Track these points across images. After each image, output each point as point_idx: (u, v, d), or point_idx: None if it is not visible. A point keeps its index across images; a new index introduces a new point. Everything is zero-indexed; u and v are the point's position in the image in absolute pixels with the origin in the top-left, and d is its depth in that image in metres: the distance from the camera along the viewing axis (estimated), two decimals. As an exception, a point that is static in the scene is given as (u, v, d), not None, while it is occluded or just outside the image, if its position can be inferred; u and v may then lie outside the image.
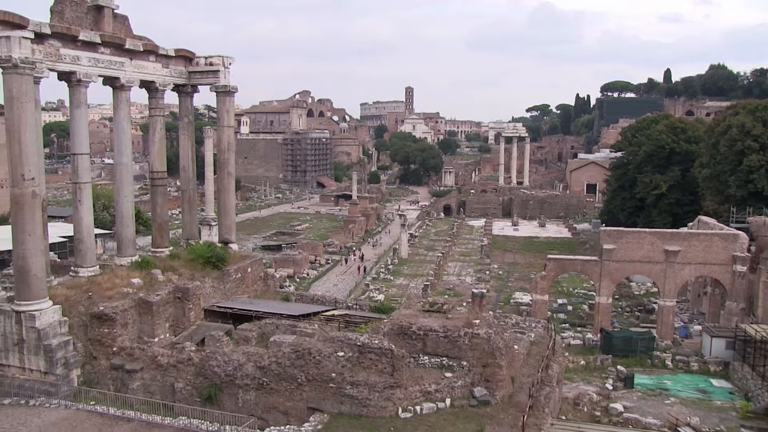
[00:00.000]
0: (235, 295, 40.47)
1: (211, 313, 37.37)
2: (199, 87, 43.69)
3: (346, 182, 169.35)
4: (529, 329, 38.03)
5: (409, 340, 30.06)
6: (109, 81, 37.29)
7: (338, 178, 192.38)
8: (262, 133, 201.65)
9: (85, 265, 36.30)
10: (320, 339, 29.74)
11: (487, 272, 78.93)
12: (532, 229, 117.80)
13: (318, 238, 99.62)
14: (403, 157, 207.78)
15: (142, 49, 37.82)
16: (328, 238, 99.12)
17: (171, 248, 42.80)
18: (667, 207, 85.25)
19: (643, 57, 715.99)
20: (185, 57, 41.83)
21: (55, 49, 32.54)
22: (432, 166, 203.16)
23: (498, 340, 28.88)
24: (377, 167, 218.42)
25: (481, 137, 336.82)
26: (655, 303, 59.13)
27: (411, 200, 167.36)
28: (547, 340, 36.52)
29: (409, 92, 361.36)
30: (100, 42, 34.78)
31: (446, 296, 59.82)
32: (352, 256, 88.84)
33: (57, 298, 32.00)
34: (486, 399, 28.00)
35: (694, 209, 77.37)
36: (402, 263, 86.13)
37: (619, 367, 45.30)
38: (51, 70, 32.90)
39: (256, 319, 35.85)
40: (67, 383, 30.61)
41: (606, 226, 78.13)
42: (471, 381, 28.58)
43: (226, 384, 29.28)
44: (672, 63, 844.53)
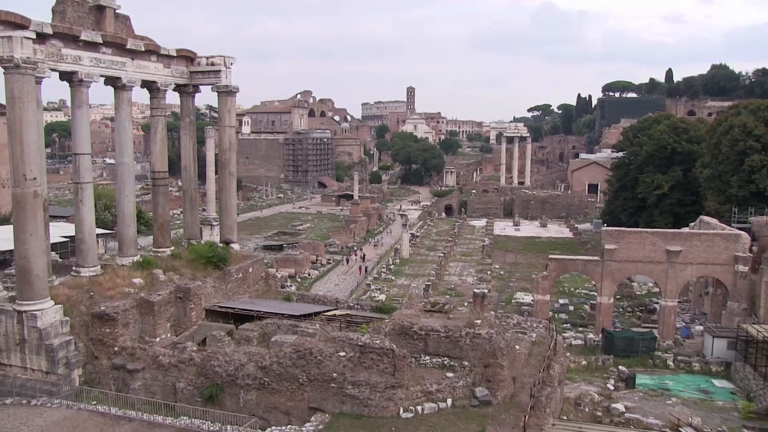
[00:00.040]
0: (236, 295, 40.49)
1: (213, 313, 37.40)
2: (201, 87, 43.61)
3: (347, 182, 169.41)
4: (531, 329, 37.96)
5: (411, 340, 30.03)
6: (111, 81, 37.29)
7: (339, 178, 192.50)
8: (263, 133, 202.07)
9: (86, 265, 36.32)
10: (321, 339, 29.70)
11: (489, 272, 78.93)
12: (534, 229, 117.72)
13: (319, 238, 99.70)
14: (404, 157, 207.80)
15: (143, 49, 37.81)
16: (330, 238, 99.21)
17: (172, 248, 42.79)
18: (669, 207, 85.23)
19: (645, 57, 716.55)
20: (187, 57, 41.81)
21: (56, 49, 32.56)
22: (433, 166, 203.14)
23: (499, 340, 28.84)
24: (379, 167, 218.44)
25: (482, 137, 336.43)
26: (657, 303, 59.09)
27: (412, 200, 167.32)
28: (548, 341, 36.47)
29: (411, 92, 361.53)
30: (101, 42, 34.77)
31: (448, 296, 59.82)
32: (354, 256, 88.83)
33: (58, 298, 32.02)
34: (487, 399, 27.96)
35: (696, 209, 77.32)
36: (403, 263, 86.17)
37: (620, 367, 45.30)
38: (53, 70, 32.91)
39: (257, 319, 35.87)
40: (68, 383, 30.65)
41: (607, 226, 78.14)
42: (472, 381, 28.55)
43: (228, 384, 29.28)
44: (674, 63, 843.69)
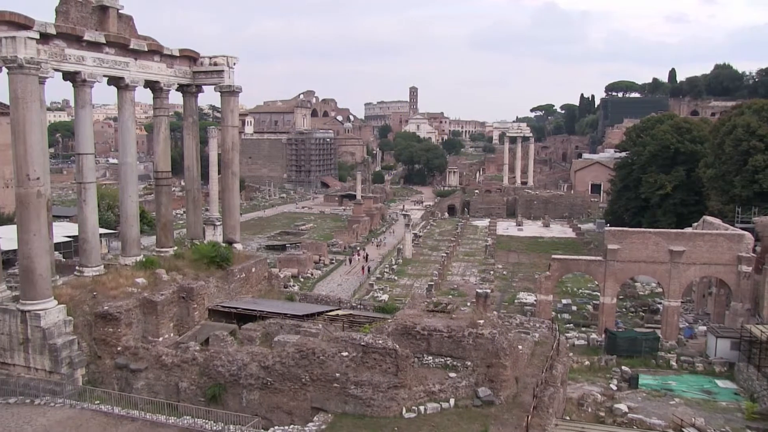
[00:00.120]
0: (239, 294, 40.53)
1: (216, 313, 37.43)
2: (204, 87, 43.66)
3: (350, 182, 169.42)
4: (534, 329, 37.93)
5: (413, 340, 30.03)
6: (114, 81, 37.35)
7: (342, 178, 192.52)
8: (266, 133, 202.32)
9: (89, 265, 36.39)
10: (324, 339, 29.71)
11: (492, 272, 78.88)
12: (537, 229, 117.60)
13: (322, 238, 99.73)
14: (407, 157, 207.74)
15: (146, 50, 37.87)
16: (333, 238, 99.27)
17: (175, 248, 42.86)
18: (672, 207, 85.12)
19: (648, 57, 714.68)
20: (190, 57, 41.85)
21: (60, 50, 32.61)
22: (436, 166, 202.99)
23: (502, 341, 28.81)
24: (381, 167, 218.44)
25: (485, 137, 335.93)
26: (660, 303, 58.91)
27: (415, 200, 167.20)
28: (551, 341, 36.43)
29: (413, 92, 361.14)
30: (104, 42, 34.82)
31: (450, 296, 59.76)
32: (357, 256, 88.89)
33: (62, 298, 32.10)
34: (490, 399, 27.93)
35: (699, 209, 77.24)
36: (406, 263, 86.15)
37: (623, 367, 45.23)
38: (56, 70, 32.93)
39: (260, 318, 35.89)
40: (71, 382, 30.74)
41: (610, 226, 77.81)
42: (475, 381, 28.53)
43: (231, 384, 29.31)
44: (677, 63, 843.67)
